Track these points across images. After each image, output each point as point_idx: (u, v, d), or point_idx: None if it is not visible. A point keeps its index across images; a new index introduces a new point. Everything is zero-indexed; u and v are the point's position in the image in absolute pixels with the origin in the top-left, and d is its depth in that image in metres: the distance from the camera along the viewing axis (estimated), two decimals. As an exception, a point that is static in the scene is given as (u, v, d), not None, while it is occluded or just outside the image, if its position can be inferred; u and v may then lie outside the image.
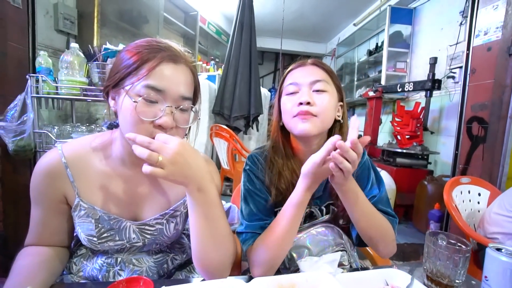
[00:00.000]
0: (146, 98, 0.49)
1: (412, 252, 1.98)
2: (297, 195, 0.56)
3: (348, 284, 0.52)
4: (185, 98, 0.53)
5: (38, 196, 0.56)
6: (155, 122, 0.49)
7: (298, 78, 0.65)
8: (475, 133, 1.63)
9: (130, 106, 0.49)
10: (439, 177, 2.35)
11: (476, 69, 1.61)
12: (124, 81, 0.51)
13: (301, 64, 0.67)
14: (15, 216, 1.38)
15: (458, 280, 0.54)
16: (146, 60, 0.50)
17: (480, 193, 1.32)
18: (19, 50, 1.36)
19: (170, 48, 0.53)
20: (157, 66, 0.50)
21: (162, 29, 2.92)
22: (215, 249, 0.53)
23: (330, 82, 0.65)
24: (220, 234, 0.54)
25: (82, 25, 1.95)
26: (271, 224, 0.59)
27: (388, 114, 3.47)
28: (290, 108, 0.63)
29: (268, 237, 0.59)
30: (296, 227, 0.58)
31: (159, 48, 0.52)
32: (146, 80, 0.49)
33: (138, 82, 0.49)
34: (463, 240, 0.57)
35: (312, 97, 0.62)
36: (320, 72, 0.65)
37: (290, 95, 0.65)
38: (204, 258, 0.53)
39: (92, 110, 2.10)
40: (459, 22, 2.40)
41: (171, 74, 0.51)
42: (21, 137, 1.22)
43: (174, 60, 0.52)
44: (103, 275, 0.60)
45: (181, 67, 0.53)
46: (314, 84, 0.63)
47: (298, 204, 0.56)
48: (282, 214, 0.58)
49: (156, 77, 0.49)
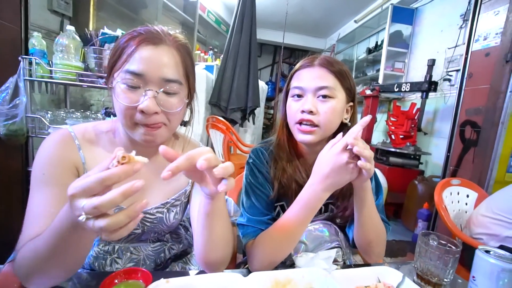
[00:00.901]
0: (126, 83, 0.49)
1: (400, 249, 2.05)
2: (307, 195, 0.55)
3: (343, 281, 0.54)
4: (169, 81, 0.51)
5: (49, 170, 0.50)
6: (138, 107, 0.49)
7: (304, 82, 0.63)
8: (468, 137, 1.67)
9: (116, 93, 0.50)
10: (430, 178, 2.41)
11: (473, 73, 1.64)
12: (112, 70, 0.52)
13: (309, 64, 0.64)
14: (7, 202, 1.35)
15: (446, 279, 0.56)
16: (125, 47, 0.50)
17: (468, 195, 1.36)
18: (11, 30, 1.31)
19: (149, 30, 0.52)
20: (135, 51, 0.49)
21: (161, 15, 2.84)
22: (223, 247, 0.54)
23: (338, 86, 0.63)
24: (228, 231, 0.55)
25: (78, 6, 1.88)
26: (277, 222, 0.59)
27: (384, 113, 3.50)
28: (293, 113, 0.64)
29: (273, 235, 0.59)
30: (304, 227, 0.57)
31: (138, 33, 0.51)
32: (125, 66, 0.49)
33: (120, 70, 0.49)
34: (453, 241, 0.59)
35: (316, 105, 0.61)
36: (328, 76, 0.62)
37: (295, 98, 0.64)
38: (212, 255, 0.54)
39: (87, 95, 2.05)
40: (459, 25, 2.41)
41: (149, 57, 0.49)
42: (13, 121, 1.18)
43: (153, 42, 0.50)
44: (99, 262, 0.60)
45: (162, 48, 0.51)
46: (319, 91, 0.61)
47: (307, 204, 0.55)
48: (289, 213, 0.57)
49: (134, 61, 0.49)
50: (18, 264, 0.44)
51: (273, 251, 0.58)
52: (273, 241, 0.58)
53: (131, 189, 0.31)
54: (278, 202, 0.71)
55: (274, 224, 0.60)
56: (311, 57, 0.66)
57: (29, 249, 0.43)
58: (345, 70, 0.64)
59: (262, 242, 0.60)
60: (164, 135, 0.54)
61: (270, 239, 0.59)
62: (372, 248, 0.65)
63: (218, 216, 0.50)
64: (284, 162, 0.68)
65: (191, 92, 0.58)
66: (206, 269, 0.56)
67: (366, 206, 0.60)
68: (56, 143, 0.53)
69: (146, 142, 0.52)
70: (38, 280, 0.43)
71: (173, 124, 0.54)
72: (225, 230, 0.54)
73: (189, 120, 0.63)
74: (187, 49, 0.56)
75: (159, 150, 0.38)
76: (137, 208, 0.32)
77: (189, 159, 0.37)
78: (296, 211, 0.56)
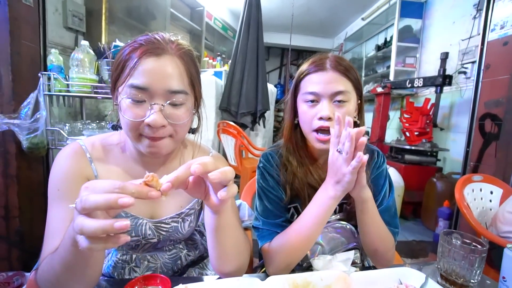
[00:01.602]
0: (131, 98, 0.48)
1: (421, 249, 1.97)
2: (322, 196, 0.55)
3: (362, 283, 0.52)
4: (174, 92, 0.49)
5: (63, 186, 0.51)
6: (144, 121, 0.48)
7: (318, 88, 0.60)
8: (488, 130, 1.59)
9: (122, 108, 0.49)
10: (449, 175, 2.32)
11: (490, 64, 1.56)
12: (116, 84, 0.51)
13: (320, 67, 0.61)
14: (30, 212, 1.41)
15: (473, 280, 0.54)
16: (127, 59, 0.49)
17: (492, 191, 1.30)
18: (31, 48, 1.38)
19: (150, 40, 0.50)
20: (138, 64, 0.47)
21: (169, 25, 2.92)
22: (236, 257, 0.54)
23: (350, 87, 0.62)
24: (240, 242, 0.55)
25: (90, 22, 1.96)
26: (293, 225, 0.59)
27: (396, 110, 3.41)
28: (309, 120, 0.62)
29: (290, 238, 0.58)
30: (320, 229, 0.57)
31: (139, 44, 0.49)
32: (129, 80, 0.48)
33: (124, 84, 0.48)
34: (479, 240, 0.57)
35: (333, 110, 0.60)
36: (342, 80, 0.61)
37: (309, 103, 0.62)
38: (226, 266, 0.54)
39: (101, 107, 2.13)
40: (472, 16, 2.33)
41: (152, 69, 0.48)
42: (35, 134, 1.24)
43: (156, 53, 0.48)
44: (118, 272, 0.62)
45: (165, 59, 0.49)
46: (336, 96, 0.60)
47: (323, 205, 0.54)
48: (305, 216, 0.57)
49: (138, 75, 0.47)
50: (39, 279, 0.46)
51: (289, 253, 0.58)
52: (289, 243, 0.58)
53: (116, 201, 0.30)
54: (292, 203, 0.71)
55: (290, 227, 0.60)
56: (319, 58, 0.63)
57: (47, 264, 0.45)
58: (351, 66, 0.63)
59: (278, 245, 0.60)
60: (169, 146, 0.53)
61: (286, 242, 0.58)
62: (378, 256, 0.64)
63: (226, 229, 0.50)
64: (294, 167, 0.67)
65: (198, 100, 0.57)
66: (223, 276, 0.56)
67: (368, 217, 0.59)
68: (68, 158, 0.53)
69: (152, 154, 0.52)
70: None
71: (179, 135, 0.53)
72: (237, 241, 0.53)
73: (197, 127, 0.61)
74: (191, 56, 0.54)
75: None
76: (115, 224, 0.30)
77: (187, 167, 0.36)
78: (311, 213, 0.55)
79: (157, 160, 0.60)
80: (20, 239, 1.36)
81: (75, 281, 0.42)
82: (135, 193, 0.32)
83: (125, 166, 0.59)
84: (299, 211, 0.72)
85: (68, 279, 0.42)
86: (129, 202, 0.30)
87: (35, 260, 1.47)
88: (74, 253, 0.37)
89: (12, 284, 1.11)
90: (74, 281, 0.42)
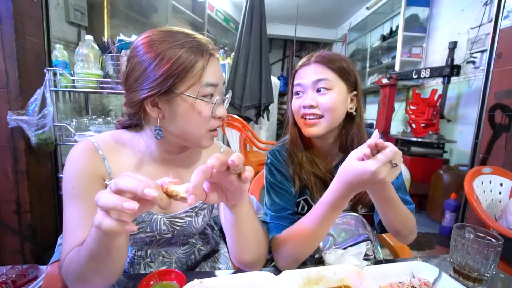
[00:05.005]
0: (207, 95, 0.52)
1: (427, 242, 1.98)
2: (330, 197, 0.53)
3: (375, 277, 0.52)
4: (223, 84, 0.56)
5: (78, 184, 0.51)
6: (216, 115, 0.53)
7: (302, 79, 0.66)
8: (498, 121, 1.56)
9: (195, 109, 0.51)
10: (456, 167, 2.30)
11: (502, 53, 1.52)
12: (176, 86, 0.49)
13: (306, 63, 0.67)
14: (40, 207, 1.44)
15: (488, 274, 0.54)
16: (196, 60, 0.50)
17: (502, 183, 1.29)
18: (35, 44, 1.37)
19: (204, 40, 0.53)
20: (208, 63, 0.51)
21: (171, 17, 2.88)
22: (256, 246, 0.55)
23: (335, 78, 0.64)
24: (259, 231, 0.56)
25: (93, 16, 1.94)
26: (301, 220, 0.59)
27: (402, 101, 3.37)
28: (296, 110, 0.68)
29: (296, 232, 0.59)
30: (327, 227, 0.57)
31: (199, 42, 0.52)
32: (203, 79, 0.51)
33: (199, 83, 0.50)
34: (493, 233, 0.56)
35: (316, 98, 0.64)
36: (323, 70, 0.64)
37: (296, 95, 0.68)
38: (247, 256, 0.55)
39: (105, 102, 2.13)
40: (483, 2, 2.26)
41: (216, 67, 0.53)
42: (43, 130, 1.25)
43: (213, 53, 0.53)
44: (134, 268, 0.63)
45: (217, 57, 0.55)
46: (317, 84, 0.64)
47: (331, 205, 0.53)
48: (313, 212, 0.57)
49: (209, 73, 0.51)
50: (64, 271, 0.47)
51: (298, 249, 0.58)
52: (298, 239, 0.58)
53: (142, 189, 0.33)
54: (301, 196, 0.73)
55: (299, 222, 0.60)
56: (309, 55, 0.69)
57: (74, 254, 0.46)
58: (338, 58, 0.66)
59: (287, 239, 0.60)
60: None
61: (295, 237, 0.59)
62: (402, 235, 0.65)
63: (246, 221, 0.51)
64: (299, 157, 0.70)
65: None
66: (243, 268, 0.57)
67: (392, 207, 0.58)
68: (81, 156, 0.53)
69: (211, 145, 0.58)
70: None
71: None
72: (256, 231, 0.55)
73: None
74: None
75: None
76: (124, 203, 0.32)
77: (201, 172, 0.36)
78: (321, 210, 0.55)
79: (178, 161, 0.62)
80: (32, 233, 1.39)
81: (98, 273, 0.43)
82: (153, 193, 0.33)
83: (137, 164, 0.59)
84: (309, 203, 0.73)
85: (92, 270, 0.43)
86: (152, 194, 0.33)
87: (47, 254, 1.51)
88: (97, 240, 0.39)
89: (28, 277, 1.14)
90: (97, 272, 0.43)
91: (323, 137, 0.68)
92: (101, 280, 0.45)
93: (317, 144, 0.73)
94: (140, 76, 0.49)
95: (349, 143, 0.69)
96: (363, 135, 0.69)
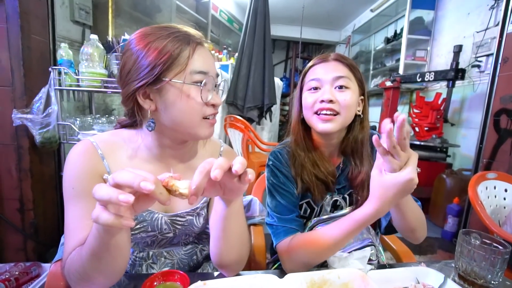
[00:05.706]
0: (196, 82, 0.51)
1: (429, 246, 1.96)
2: (365, 216, 0.52)
3: (379, 282, 0.52)
4: (217, 76, 0.56)
5: (77, 184, 0.51)
6: (208, 102, 0.53)
7: (320, 74, 0.65)
8: (503, 126, 1.55)
9: (184, 95, 0.51)
10: (459, 171, 2.29)
11: (509, 58, 1.51)
12: (164, 74, 0.49)
13: (324, 59, 0.67)
14: (43, 205, 1.44)
15: (494, 281, 0.53)
16: (182, 48, 0.50)
17: (506, 189, 1.27)
18: (41, 42, 1.38)
19: (192, 31, 0.54)
20: (195, 51, 0.51)
21: (175, 18, 2.89)
22: (239, 247, 0.55)
23: (352, 78, 0.65)
24: (244, 231, 0.56)
25: (97, 15, 1.95)
26: (322, 230, 0.59)
27: (405, 104, 3.35)
28: (311, 104, 0.65)
29: (314, 241, 0.58)
30: (348, 241, 0.57)
31: (185, 33, 0.52)
32: (189, 66, 0.51)
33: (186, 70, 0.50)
34: (500, 240, 0.56)
35: (335, 95, 0.63)
36: (343, 68, 0.65)
37: (311, 90, 0.66)
38: (227, 257, 0.55)
39: (108, 101, 2.14)
40: (489, 6, 2.24)
41: (206, 56, 0.54)
42: (47, 129, 1.25)
43: (201, 43, 0.54)
44: (136, 270, 0.63)
45: (206, 48, 0.55)
46: (337, 81, 0.64)
47: (363, 223, 0.53)
48: (339, 226, 0.56)
49: (197, 61, 0.51)
50: (67, 270, 0.47)
51: (312, 256, 0.58)
52: (314, 248, 0.57)
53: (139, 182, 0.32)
54: (303, 199, 0.72)
55: (319, 232, 0.60)
56: (324, 54, 0.69)
57: (76, 253, 0.46)
58: (355, 65, 0.68)
59: (301, 246, 0.59)
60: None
61: (311, 245, 0.58)
62: (417, 232, 0.65)
63: (235, 217, 0.51)
64: (302, 158, 0.69)
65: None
66: (221, 271, 0.57)
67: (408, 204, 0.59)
68: (80, 156, 0.53)
69: (210, 135, 0.57)
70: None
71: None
72: (242, 230, 0.55)
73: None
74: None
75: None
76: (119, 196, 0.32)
77: (203, 173, 0.37)
78: (350, 226, 0.54)
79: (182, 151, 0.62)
80: (35, 231, 1.39)
81: (100, 271, 0.43)
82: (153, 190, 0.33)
83: (137, 161, 0.59)
84: (311, 206, 0.72)
85: (94, 268, 0.43)
86: (149, 188, 0.32)
87: (49, 251, 1.52)
88: (97, 238, 0.39)
89: (30, 274, 1.15)
90: (99, 271, 0.43)
91: (331, 135, 0.68)
92: (103, 279, 0.45)
93: (321, 144, 0.72)
94: (131, 69, 0.51)
95: (352, 145, 0.69)
96: (367, 139, 0.69)
